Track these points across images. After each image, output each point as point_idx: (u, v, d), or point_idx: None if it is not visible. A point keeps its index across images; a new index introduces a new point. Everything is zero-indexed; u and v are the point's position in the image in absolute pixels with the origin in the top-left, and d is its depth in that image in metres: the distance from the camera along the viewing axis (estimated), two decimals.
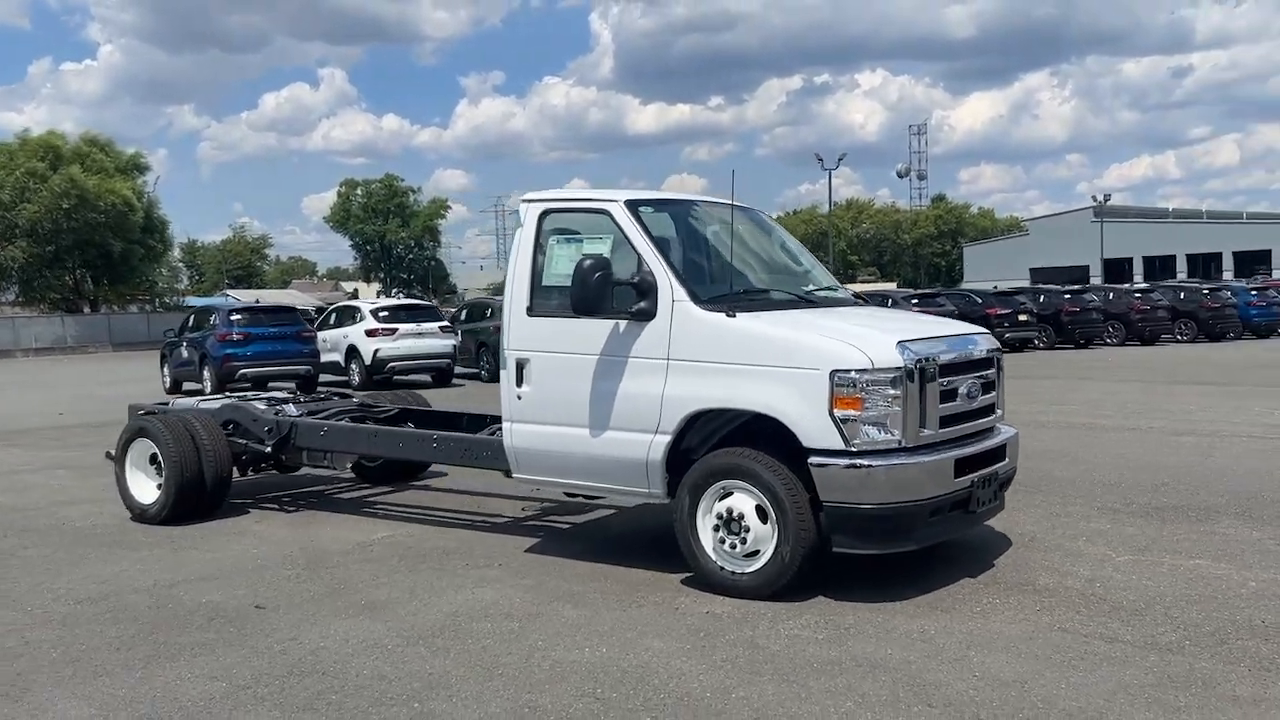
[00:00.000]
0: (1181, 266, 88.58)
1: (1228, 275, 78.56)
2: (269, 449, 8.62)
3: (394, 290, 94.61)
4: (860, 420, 5.67)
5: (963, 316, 26.90)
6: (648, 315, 6.26)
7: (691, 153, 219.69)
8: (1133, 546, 7.00)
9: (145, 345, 51.29)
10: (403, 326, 21.85)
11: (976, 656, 5.02)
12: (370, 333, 21.82)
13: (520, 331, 6.79)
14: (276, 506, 9.14)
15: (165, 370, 22.97)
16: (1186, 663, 4.88)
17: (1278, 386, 17.82)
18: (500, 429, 7.70)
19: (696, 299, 6.22)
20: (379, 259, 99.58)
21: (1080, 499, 8.50)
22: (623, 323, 6.35)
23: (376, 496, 9.55)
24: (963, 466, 6.04)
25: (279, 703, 4.66)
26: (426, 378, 22.81)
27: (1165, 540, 7.15)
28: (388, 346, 21.60)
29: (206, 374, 20.61)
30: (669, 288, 6.24)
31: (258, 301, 26.35)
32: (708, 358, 6.09)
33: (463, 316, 24.89)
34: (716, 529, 6.07)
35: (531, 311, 6.76)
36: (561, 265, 6.74)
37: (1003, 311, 28.83)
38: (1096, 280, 76.76)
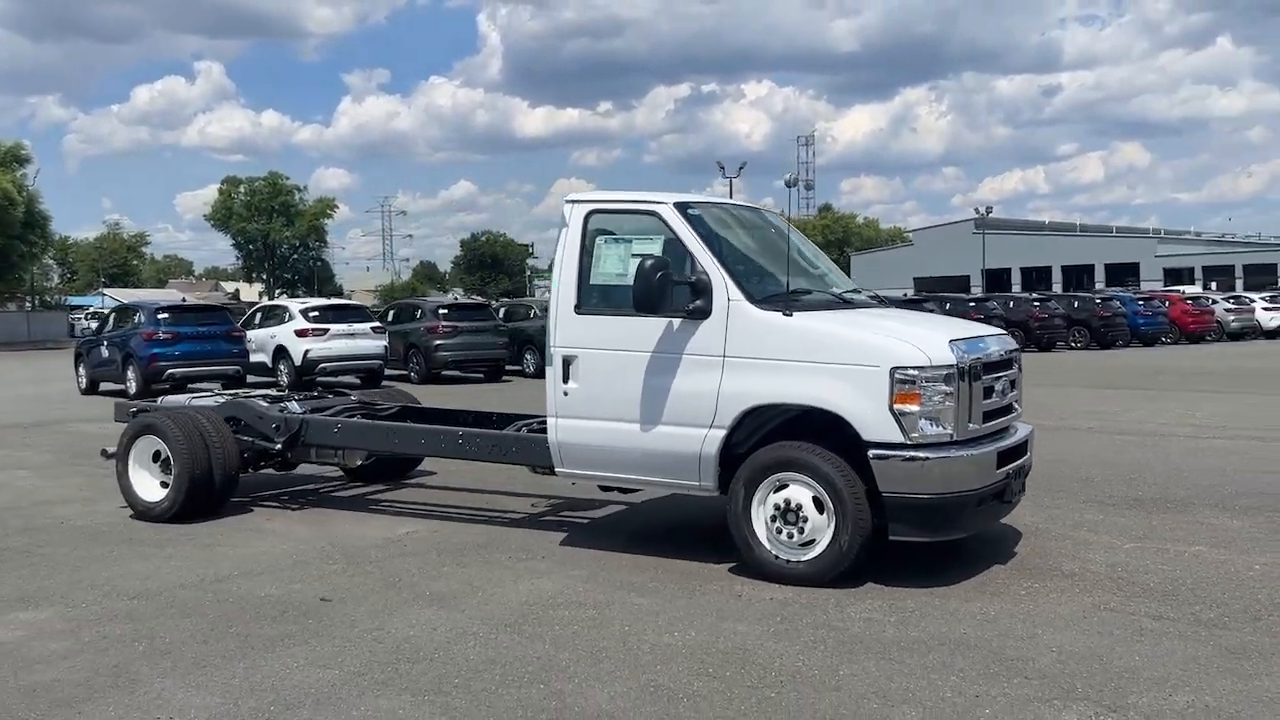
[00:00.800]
0: (1057, 278, 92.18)
1: (1100, 286, 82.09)
2: (279, 446, 8.57)
3: (278, 291, 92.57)
4: (918, 415, 6.00)
5: None
6: (703, 313, 6.49)
7: (580, 157, 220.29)
8: (1131, 535, 7.49)
9: (27, 345, 49.40)
10: (334, 327, 21.59)
11: (1045, 634, 5.38)
12: (300, 333, 21.50)
13: (568, 329, 6.95)
14: (277, 504, 9.09)
15: (81, 370, 22.23)
16: (1235, 636, 5.32)
17: (1183, 390, 18.88)
18: (525, 425, 7.89)
19: (751, 298, 6.48)
20: (262, 259, 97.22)
21: (1063, 493, 9.01)
22: (676, 320, 6.56)
23: (375, 495, 9.56)
24: (1002, 459, 6.42)
25: (405, 687, 4.76)
26: (355, 379, 22.54)
27: (1159, 529, 7.66)
28: (319, 347, 21.32)
29: (130, 374, 20.05)
30: (724, 287, 6.48)
31: (185, 300, 25.61)
32: (765, 355, 6.35)
33: (390, 318, 24.67)
34: (774, 519, 6.32)
35: (579, 310, 6.93)
36: (610, 265, 6.93)
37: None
38: (978, 290, 79.42)
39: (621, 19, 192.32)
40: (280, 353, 21.81)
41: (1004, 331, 7.43)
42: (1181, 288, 56.33)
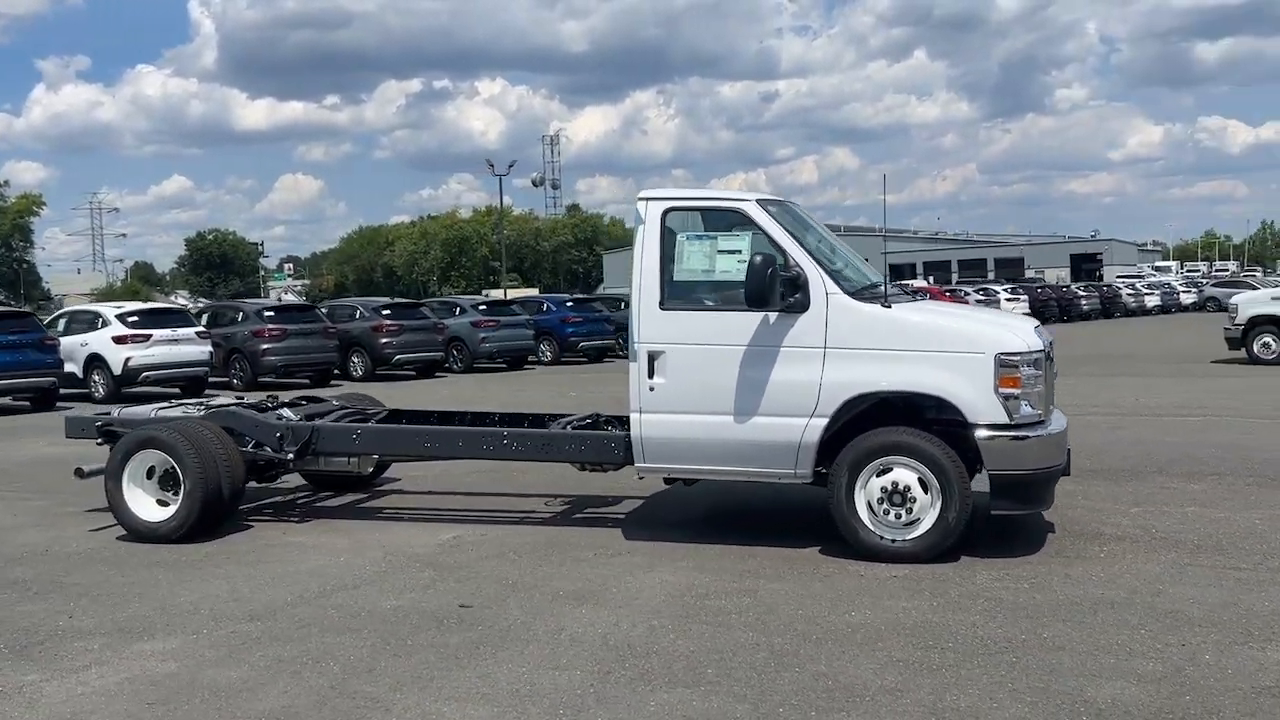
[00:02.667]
0: None
1: None
2: (289, 456, 8.15)
3: None
4: (1019, 397, 6.50)
5: None
6: (802, 307, 6.75)
7: (306, 152, 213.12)
8: (1140, 501, 8.26)
9: None
10: (156, 332, 20.20)
11: (1169, 589, 5.99)
12: (119, 339, 19.99)
13: (652, 325, 7.03)
14: (272, 518, 8.63)
15: None
16: None
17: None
18: (568, 422, 7.90)
19: (847, 291, 6.80)
20: None
21: None
22: (773, 315, 6.78)
23: (364, 503, 9.24)
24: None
25: (669, 680, 4.79)
26: (175, 389, 21.19)
27: (1146, 495, 8.51)
28: (140, 355, 19.89)
29: None
30: (820, 281, 6.77)
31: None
32: (869, 345, 6.69)
33: (204, 321, 23.29)
34: (880, 501, 6.66)
35: (664, 305, 7.02)
36: (695, 261, 7.07)
37: None
38: None
39: (348, 11, 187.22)
40: (94, 362, 20.22)
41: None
42: (946, 286, 60.35)
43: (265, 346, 21.70)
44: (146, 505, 7.90)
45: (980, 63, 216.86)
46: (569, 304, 28.74)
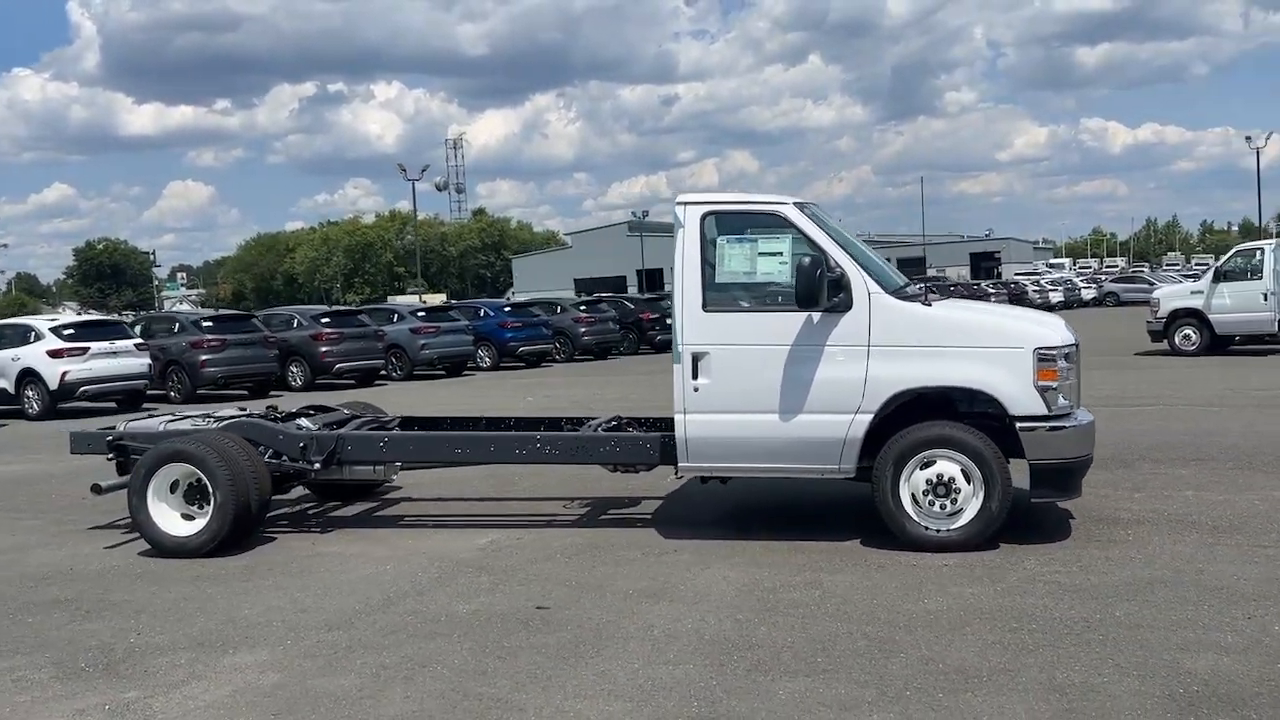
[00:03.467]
0: None
1: None
2: (315, 465, 8.09)
3: None
4: (1056, 389, 6.81)
5: (622, 318, 28.82)
6: (845, 306, 6.97)
7: (196, 158, 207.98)
8: (1139, 487, 8.66)
9: None
10: (94, 345, 19.64)
11: (1209, 568, 6.35)
12: (55, 353, 19.38)
13: (696, 327, 7.17)
14: (290, 529, 8.55)
15: None
16: None
17: None
18: (600, 425, 8.02)
19: (887, 291, 7.04)
20: None
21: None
22: (816, 314, 6.99)
23: (376, 511, 9.20)
24: None
25: (798, 670, 4.94)
26: (111, 403, 20.64)
27: (1159, 482, 8.90)
28: (78, 368, 19.32)
29: None
30: (861, 281, 7.00)
31: None
32: (912, 342, 6.93)
33: (137, 332, 22.67)
34: (925, 493, 6.90)
35: (706, 307, 7.18)
36: (735, 263, 7.26)
37: (653, 316, 31.09)
38: (633, 289, 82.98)
39: (236, 13, 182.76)
40: (27, 376, 19.59)
41: None
42: None
43: (205, 357, 21.24)
44: (171, 520, 7.77)
45: (873, 67, 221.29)
46: (507, 309, 28.65)
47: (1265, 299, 21.05)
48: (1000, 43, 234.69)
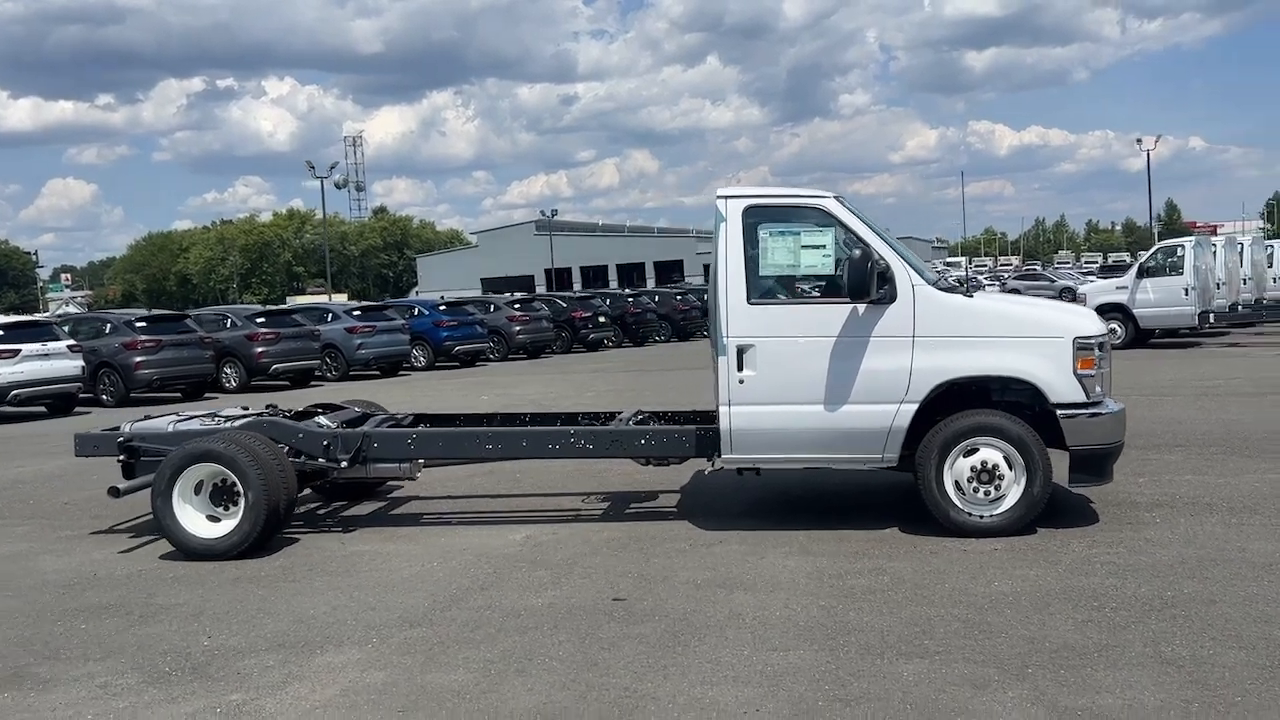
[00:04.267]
0: (613, 275, 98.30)
1: (650, 282, 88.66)
2: (343, 464, 7.96)
3: None
4: (1094, 377, 7.06)
5: (554, 317, 28.78)
6: (890, 298, 7.11)
7: (77, 155, 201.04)
8: (1141, 472, 8.97)
9: None
10: (26, 347, 18.89)
11: (1246, 545, 6.67)
12: None
13: (741, 320, 7.25)
14: (308, 529, 8.39)
15: None
16: None
17: None
18: (631, 419, 8.05)
19: (929, 283, 7.21)
20: None
21: None
22: (861, 306, 7.12)
23: (390, 510, 9.09)
24: None
25: (910, 652, 5.05)
26: (41, 408, 19.89)
27: (1155, 467, 9.23)
28: (9, 371, 18.56)
29: None
30: (905, 274, 7.16)
31: None
32: (953, 333, 7.11)
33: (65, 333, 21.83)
34: (970, 480, 7.08)
35: (751, 300, 7.25)
36: (779, 256, 7.34)
37: (585, 314, 31.09)
38: (541, 288, 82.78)
39: (120, 6, 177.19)
40: None
41: None
42: None
43: (139, 359, 20.58)
44: (196, 522, 7.57)
45: (769, 69, 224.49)
46: (441, 308, 28.32)
47: (1186, 294, 21.96)
48: (892, 46, 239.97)
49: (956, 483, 7.11)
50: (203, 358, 21.58)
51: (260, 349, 22.63)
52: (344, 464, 7.96)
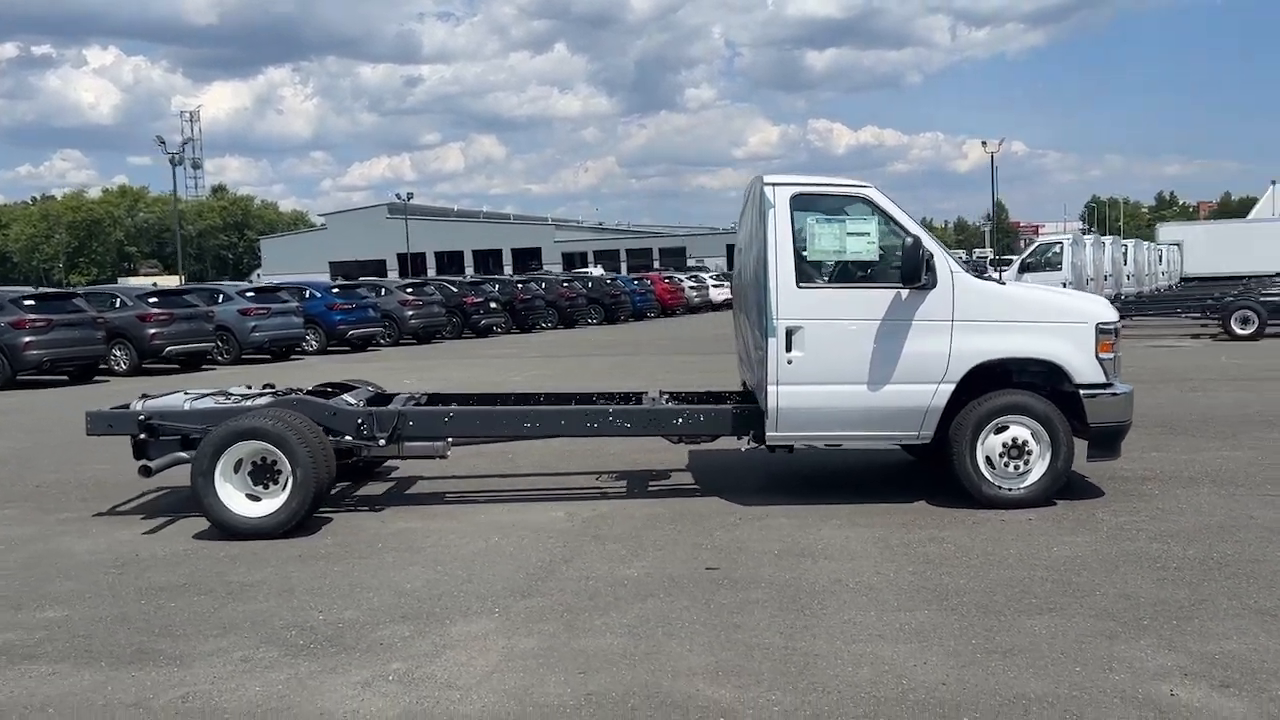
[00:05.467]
0: (469, 261, 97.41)
1: (508, 270, 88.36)
2: (381, 442, 7.95)
3: None
4: (1112, 360, 7.66)
5: (446, 300, 28.59)
6: (931, 284, 7.54)
7: None
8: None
9: None
10: None
11: (1259, 513, 7.32)
12: None
13: (790, 302, 7.57)
14: (335, 509, 8.32)
15: None
16: None
17: None
18: (640, 396, 8.33)
19: (965, 270, 7.68)
20: None
21: None
22: (904, 291, 7.54)
23: (403, 490, 9.10)
24: None
25: (1023, 609, 5.46)
26: None
27: (1135, 445, 9.90)
28: None
29: None
30: (945, 261, 7.60)
31: None
32: (991, 318, 7.60)
33: None
34: (1001, 455, 7.59)
35: (800, 284, 7.58)
36: (826, 242, 7.69)
37: (477, 300, 30.90)
38: (394, 274, 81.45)
39: None
40: None
41: None
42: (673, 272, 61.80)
43: (28, 339, 19.57)
44: (238, 500, 7.45)
45: (617, 59, 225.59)
46: (334, 290, 27.71)
47: (1064, 288, 23.35)
48: (737, 43, 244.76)
49: (987, 458, 7.59)
50: (94, 338, 20.66)
51: (153, 330, 21.78)
52: (382, 442, 7.92)
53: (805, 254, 7.64)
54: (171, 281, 59.46)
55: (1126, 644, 4.96)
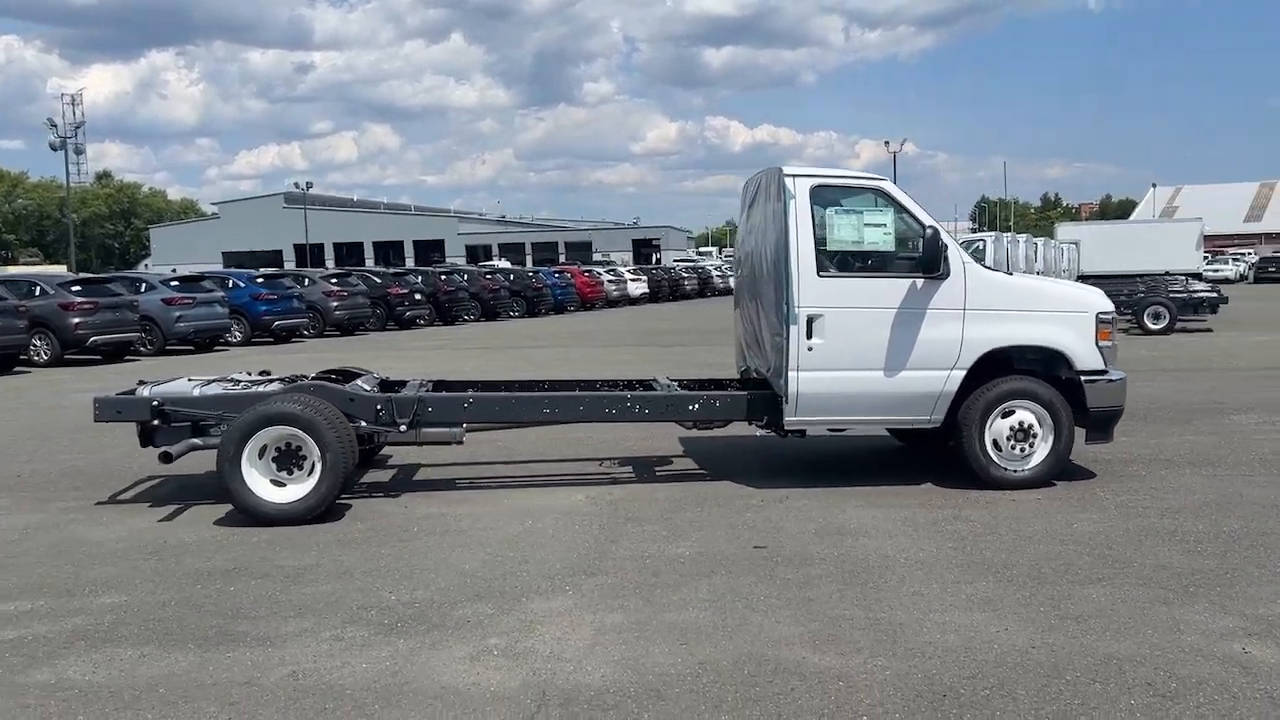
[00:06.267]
0: (369, 253, 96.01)
1: (410, 261, 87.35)
2: (402, 428, 7.95)
3: None
4: (1110, 348, 8.09)
5: (370, 291, 28.33)
6: (945, 274, 7.86)
7: None
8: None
9: None
10: None
11: (1244, 491, 7.83)
12: None
13: (811, 291, 7.80)
14: (348, 495, 8.29)
15: None
16: None
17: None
18: (675, 384, 8.49)
19: (975, 261, 8.02)
20: None
21: None
22: (920, 280, 7.85)
23: (409, 477, 9.09)
24: None
25: (1078, 579, 5.78)
26: None
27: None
28: None
29: None
30: (957, 253, 7.93)
31: None
32: (999, 307, 7.95)
33: None
34: (1009, 438, 7.94)
35: (820, 273, 7.83)
36: (844, 232, 7.96)
37: (402, 291, 30.57)
38: (291, 264, 79.88)
39: None
40: None
41: None
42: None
43: None
44: (263, 486, 7.40)
45: (515, 51, 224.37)
46: (259, 280, 27.14)
47: None
48: (636, 38, 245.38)
49: (994, 441, 7.94)
50: (16, 327, 19.93)
51: (77, 320, 21.08)
52: (403, 428, 7.92)
53: (824, 244, 7.87)
54: (58, 270, 57.28)
55: (1183, 609, 5.29)
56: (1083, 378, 8.00)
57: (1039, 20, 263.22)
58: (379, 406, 7.97)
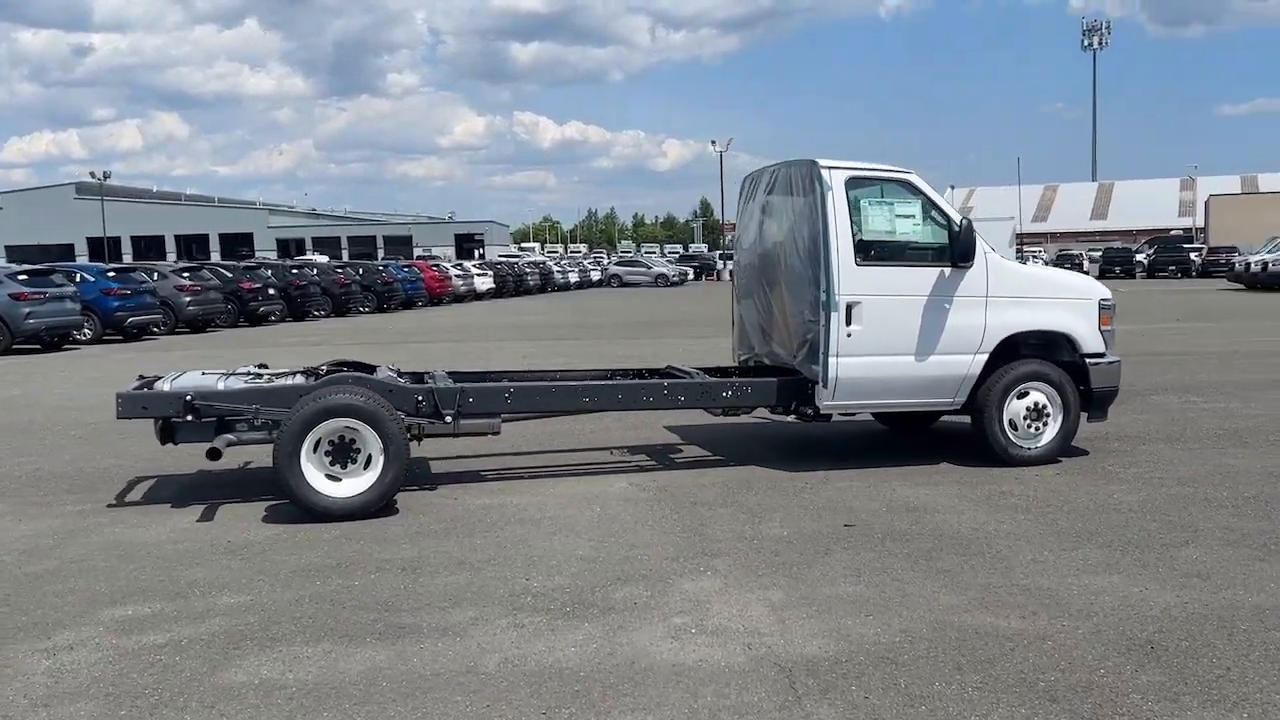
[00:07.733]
0: (171, 246, 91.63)
1: (215, 255, 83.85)
2: (448, 419, 7.80)
3: None
4: (1110, 333, 8.72)
5: (222, 285, 27.27)
6: (970, 263, 8.30)
7: None
8: None
9: None
10: None
11: (1234, 464, 8.52)
12: None
13: (850, 279, 8.09)
14: None
15: None
16: None
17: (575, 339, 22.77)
18: (683, 371, 8.71)
19: (993, 250, 8.50)
20: None
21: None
22: (947, 269, 8.27)
23: (424, 472, 8.86)
24: None
25: (1157, 544, 6.26)
26: None
27: None
28: None
29: None
30: (980, 242, 8.38)
31: None
32: (1017, 294, 8.44)
33: None
34: (1025, 418, 8.45)
35: (859, 262, 8.14)
36: (878, 223, 8.31)
37: (254, 286, 29.38)
38: (84, 259, 75.36)
39: None
40: None
41: None
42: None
43: None
44: (318, 480, 7.17)
45: (314, 38, 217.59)
46: (110, 274, 25.52)
47: None
48: (441, 30, 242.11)
49: (1011, 420, 8.42)
50: None
51: None
52: (448, 419, 7.77)
53: (859, 234, 8.17)
54: None
55: (1274, 564, 5.81)
56: (1088, 360, 8.57)
57: (833, 26, 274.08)
58: (419, 398, 7.79)
